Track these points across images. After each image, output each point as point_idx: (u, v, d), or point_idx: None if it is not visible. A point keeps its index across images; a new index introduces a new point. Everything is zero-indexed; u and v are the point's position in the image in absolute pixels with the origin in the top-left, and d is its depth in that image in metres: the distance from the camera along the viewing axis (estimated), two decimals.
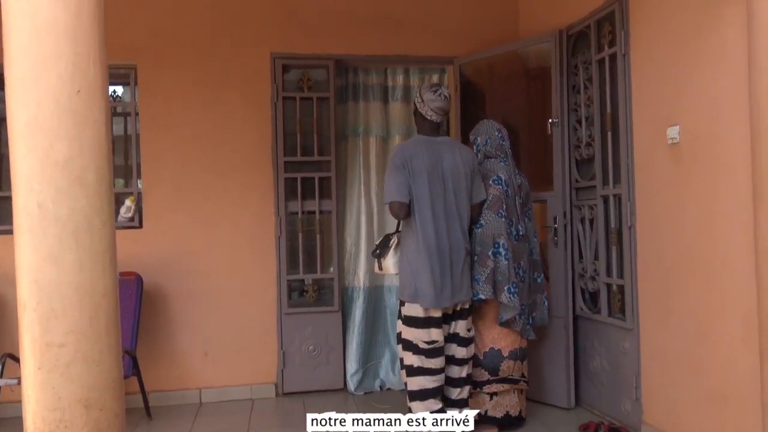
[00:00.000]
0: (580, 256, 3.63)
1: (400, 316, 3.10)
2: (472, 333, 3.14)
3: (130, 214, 4.02)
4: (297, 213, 4.17)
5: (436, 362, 2.97)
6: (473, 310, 3.18)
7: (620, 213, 3.23)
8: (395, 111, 4.49)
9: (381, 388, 4.21)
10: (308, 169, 4.19)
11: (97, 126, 1.69)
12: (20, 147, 1.62)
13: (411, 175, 2.93)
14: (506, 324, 3.23)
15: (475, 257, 3.15)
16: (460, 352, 3.08)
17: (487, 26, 4.37)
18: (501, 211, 3.19)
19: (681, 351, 2.83)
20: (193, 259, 4.04)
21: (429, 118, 3.07)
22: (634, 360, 3.17)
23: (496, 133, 3.34)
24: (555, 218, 3.66)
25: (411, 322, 2.99)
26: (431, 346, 2.96)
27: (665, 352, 2.95)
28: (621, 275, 3.26)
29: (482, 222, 3.17)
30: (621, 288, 3.27)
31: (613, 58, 3.25)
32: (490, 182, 3.22)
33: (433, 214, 2.94)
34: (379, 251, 3.23)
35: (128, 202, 4.03)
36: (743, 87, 2.23)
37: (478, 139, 3.37)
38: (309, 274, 4.21)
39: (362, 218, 4.35)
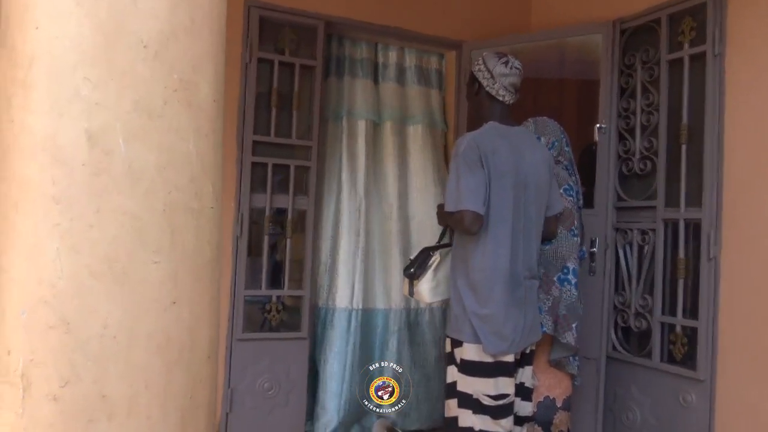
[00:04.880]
0: (617, 288, 3.10)
1: (452, 361, 2.30)
2: (535, 381, 2.44)
3: None
4: (264, 209, 3.21)
5: (506, 424, 2.21)
6: None
7: (697, 241, 2.73)
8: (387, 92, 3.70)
9: None
10: (283, 155, 3.26)
11: None
12: None
13: (490, 176, 2.17)
14: (559, 365, 2.63)
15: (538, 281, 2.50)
16: (525, 408, 2.35)
17: (497, 14, 3.76)
18: (573, 228, 2.57)
19: None
20: None
21: (501, 99, 2.32)
22: (702, 417, 2.66)
23: (561, 136, 2.69)
24: (593, 241, 3.09)
25: (473, 369, 2.21)
26: (499, 402, 2.20)
27: (759, 412, 2.47)
28: (691, 314, 2.75)
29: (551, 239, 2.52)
30: (687, 330, 2.77)
31: (696, 58, 2.77)
32: (561, 191, 2.57)
33: (512, 230, 2.21)
34: (414, 270, 2.43)
35: None
36: None
37: (542, 139, 2.65)
38: (274, 289, 3.26)
39: (342, 221, 3.47)
